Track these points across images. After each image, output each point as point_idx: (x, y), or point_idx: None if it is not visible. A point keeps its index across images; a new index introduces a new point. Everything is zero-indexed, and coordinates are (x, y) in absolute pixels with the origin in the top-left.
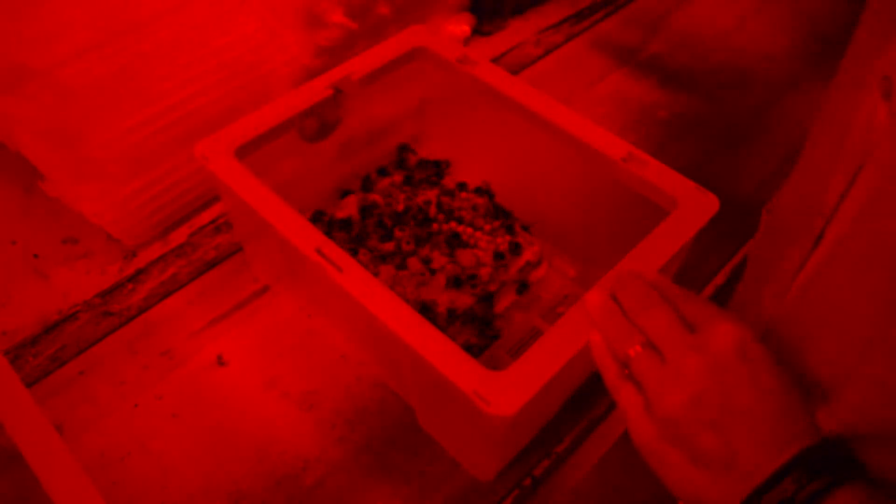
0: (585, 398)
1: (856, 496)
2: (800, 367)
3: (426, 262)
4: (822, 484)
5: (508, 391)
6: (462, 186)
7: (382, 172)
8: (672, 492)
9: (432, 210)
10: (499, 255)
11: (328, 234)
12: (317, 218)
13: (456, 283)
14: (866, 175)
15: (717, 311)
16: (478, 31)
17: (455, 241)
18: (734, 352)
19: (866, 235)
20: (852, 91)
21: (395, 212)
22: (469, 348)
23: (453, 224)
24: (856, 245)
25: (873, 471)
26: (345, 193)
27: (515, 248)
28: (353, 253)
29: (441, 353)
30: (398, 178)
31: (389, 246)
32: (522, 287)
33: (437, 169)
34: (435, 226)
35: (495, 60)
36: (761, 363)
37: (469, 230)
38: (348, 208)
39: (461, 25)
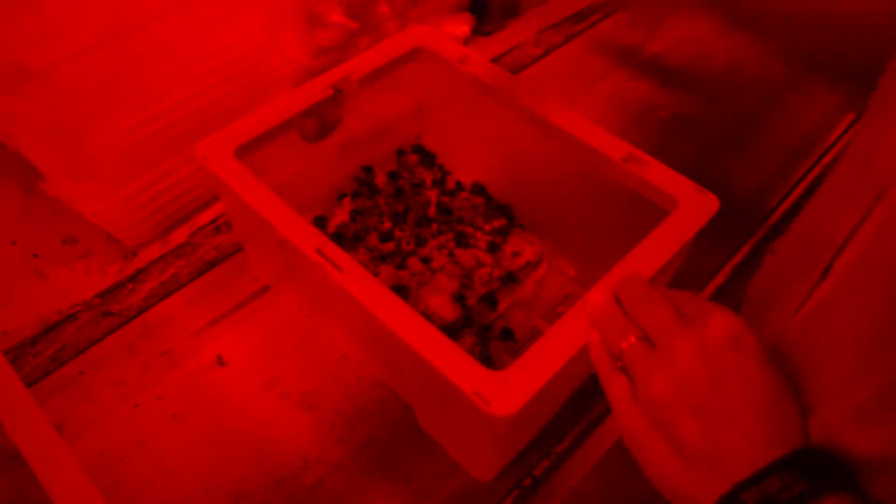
0: (585, 398)
1: (845, 501)
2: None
3: (426, 261)
4: (808, 487)
5: (509, 391)
6: (462, 186)
7: (384, 174)
8: (653, 483)
9: (432, 210)
10: (493, 246)
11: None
12: (317, 225)
13: (460, 298)
14: (881, 208)
15: (715, 305)
16: (478, 31)
17: (455, 241)
18: (726, 341)
19: (873, 264)
20: (877, 131)
21: (395, 212)
22: (469, 348)
23: (453, 224)
24: (862, 274)
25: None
26: (343, 195)
27: (505, 234)
28: (354, 251)
29: (441, 352)
30: (397, 179)
31: (389, 246)
32: (511, 278)
33: (437, 169)
34: (435, 226)
35: (495, 60)
36: (754, 358)
37: (469, 230)
38: (345, 212)
39: (461, 25)
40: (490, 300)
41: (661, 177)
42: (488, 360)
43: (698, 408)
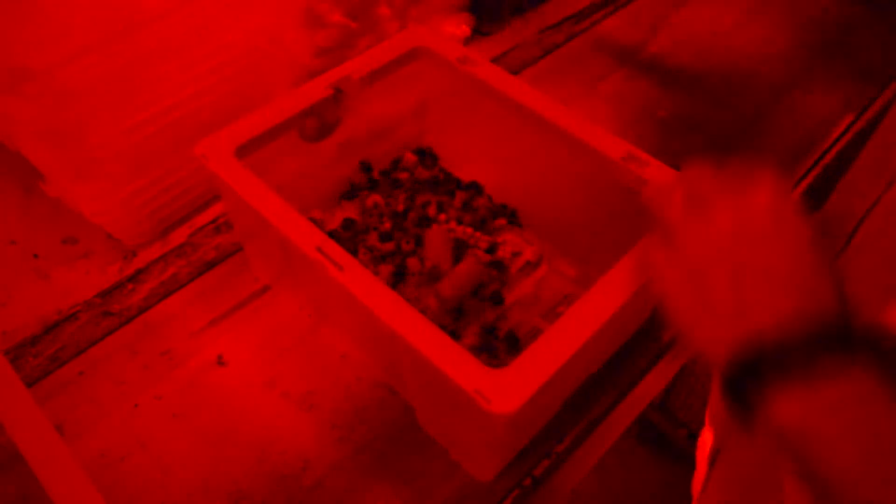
0: (585, 398)
1: (870, 378)
2: None
3: (426, 261)
4: (836, 358)
5: (509, 389)
6: (462, 186)
7: (383, 174)
8: (683, 339)
9: (432, 210)
10: (493, 246)
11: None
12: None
13: (458, 312)
14: (891, 192)
15: (767, 175)
16: (478, 31)
17: (455, 242)
18: (767, 207)
19: (883, 236)
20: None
21: (394, 212)
22: (469, 347)
23: (453, 224)
24: (875, 243)
25: None
26: (343, 196)
27: (504, 233)
28: (353, 253)
29: (441, 351)
30: (397, 179)
31: (389, 246)
32: (497, 265)
33: (437, 169)
34: (435, 226)
35: (495, 60)
36: (792, 228)
37: (469, 230)
38: (345, 212)
39: (461, 25)
40: (495, 297)
41: (661, 177)
42: (488, 360)
43: (731, 265)
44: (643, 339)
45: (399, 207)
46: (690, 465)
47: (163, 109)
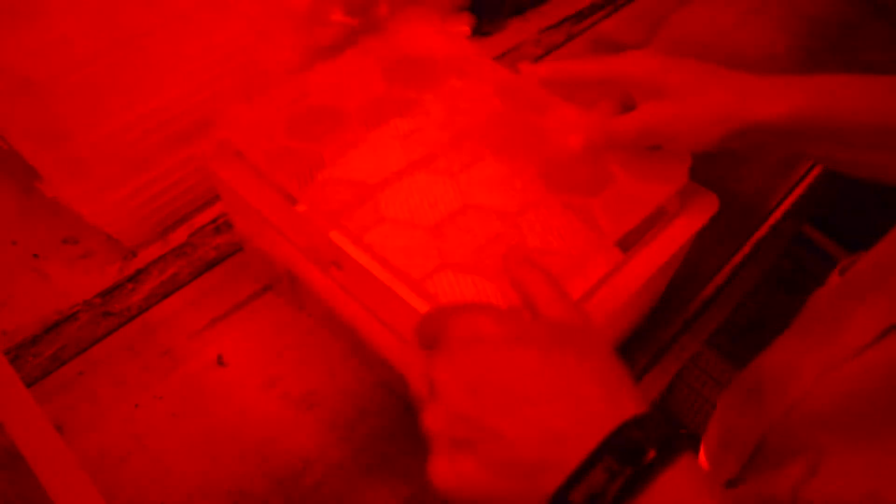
0: None
1: (686, 479)
2: None
3: None
4: (638, 467)
5: None
6: None
7: None
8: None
9: None
10: None
11: None
12: None
13: None
14: None
15: (451, 312)
16: (478, 31)
17: None
18: (469, 343)
19: None
20: None
21: None
22: None
23: None
24: None
25: None
26: None
27: None
28: None
29: None
30: None
31: None
32: None
33: None
34: None
35: (495, 60)
36: (506, 346)
37: None
38: None
39: (461, 25)
40: None
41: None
42: None
43: (479, 426)
44: (643, 338)
45: None
46: None
47: (160, 109)
